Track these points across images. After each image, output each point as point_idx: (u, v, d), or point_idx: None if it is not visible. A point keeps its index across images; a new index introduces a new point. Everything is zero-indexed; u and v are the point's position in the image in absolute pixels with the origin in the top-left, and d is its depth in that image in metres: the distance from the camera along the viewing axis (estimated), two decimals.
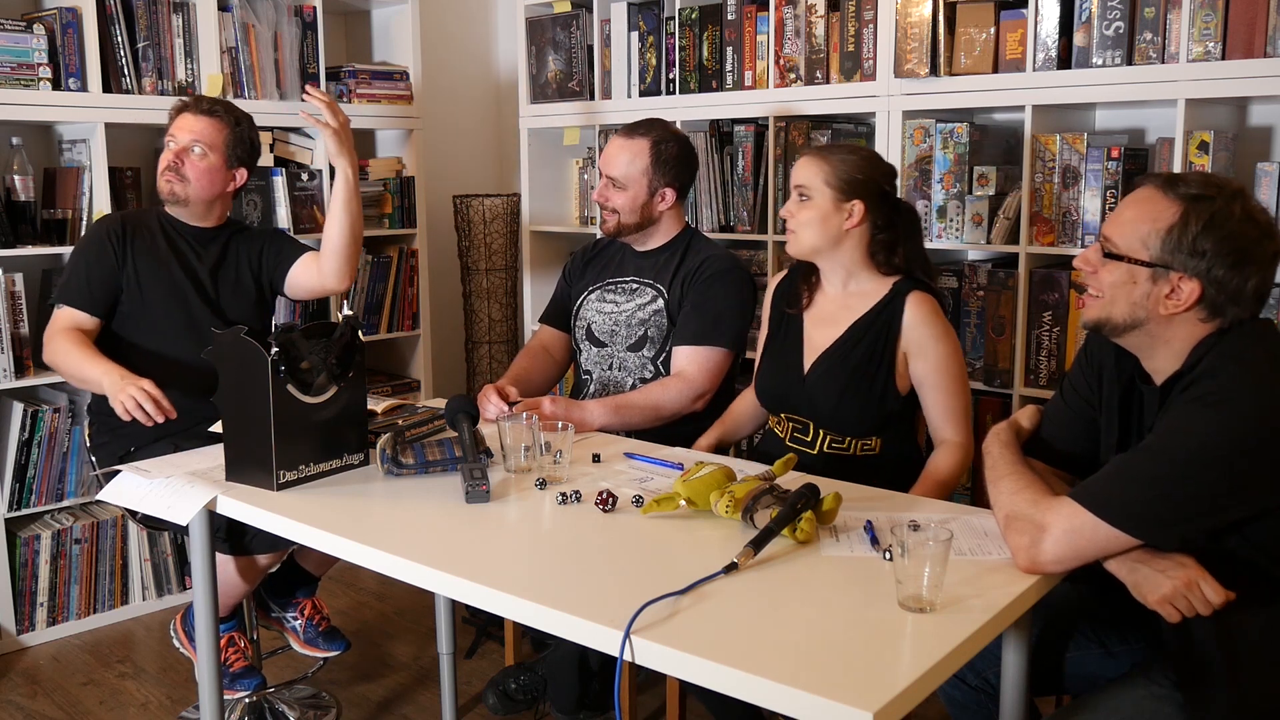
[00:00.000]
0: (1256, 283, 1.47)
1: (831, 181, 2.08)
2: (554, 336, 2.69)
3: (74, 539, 3.11)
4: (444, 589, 1.53)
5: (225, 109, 2.55)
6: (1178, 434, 1.44)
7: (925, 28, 2.74)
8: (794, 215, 2.12)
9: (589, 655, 2.36)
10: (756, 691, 1.20)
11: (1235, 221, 1.45)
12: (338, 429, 1.95)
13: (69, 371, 2.41)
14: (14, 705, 2.74)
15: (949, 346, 2.08)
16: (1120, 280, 1.52)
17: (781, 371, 2.20)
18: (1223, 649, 1.46)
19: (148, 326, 2.51)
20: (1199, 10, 2.37)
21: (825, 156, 2.11)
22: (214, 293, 2.59)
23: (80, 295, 2.47)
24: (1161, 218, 1.48)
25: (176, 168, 2.50)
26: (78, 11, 2.94)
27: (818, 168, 2.10)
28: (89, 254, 2.50)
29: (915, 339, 2.07)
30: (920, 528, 1.38)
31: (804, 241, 2.12)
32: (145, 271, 2.51)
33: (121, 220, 2.55)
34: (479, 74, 4.32)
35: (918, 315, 2.07)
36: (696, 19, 3.28)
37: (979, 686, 1.76)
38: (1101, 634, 1.75)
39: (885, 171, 2.14)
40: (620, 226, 2.53)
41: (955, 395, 2.10)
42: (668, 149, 2.50)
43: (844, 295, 2.17)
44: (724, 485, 1.68)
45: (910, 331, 2.07)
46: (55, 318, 2.49)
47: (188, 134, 2.51)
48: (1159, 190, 1.50)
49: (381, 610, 3.27)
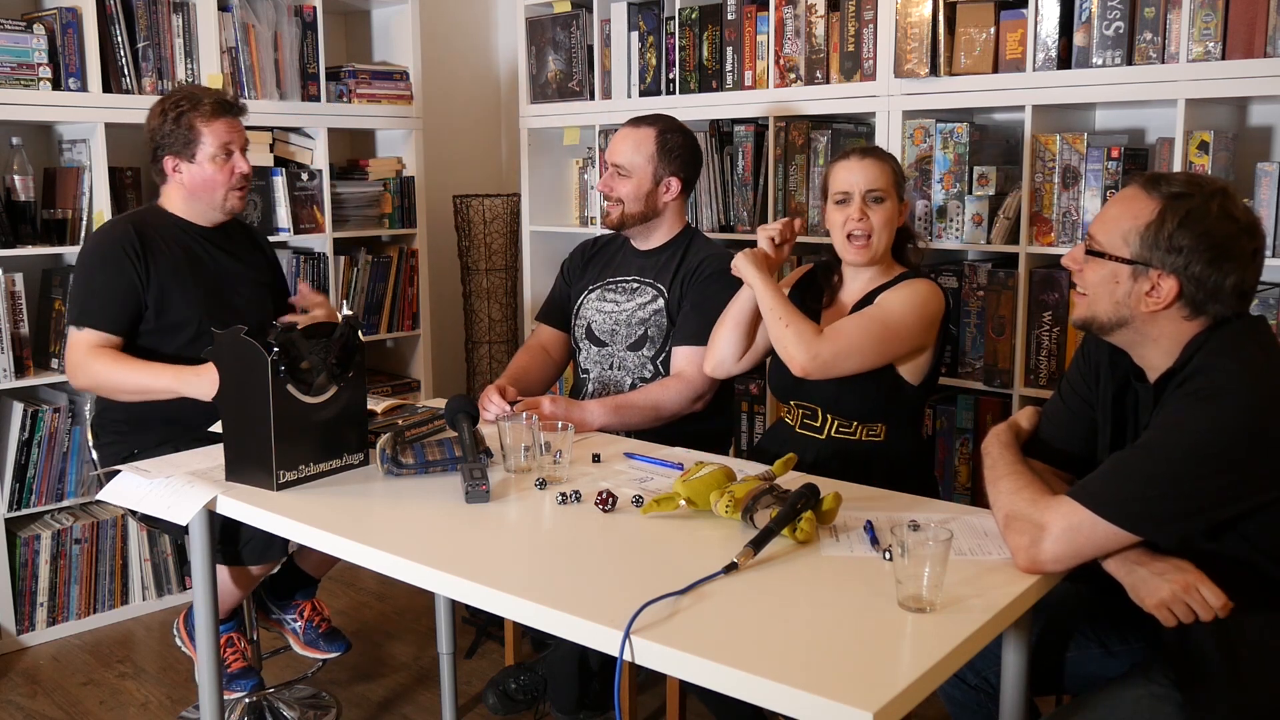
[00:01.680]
0: (1236, 280, 1.47)
1: (896, 183, 2.15)
2: (552, 335, 2.69)
3: (74, 539, 3.11)
4: (444, 589, 1.53)
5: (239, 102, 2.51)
6: (1173, 430, 1.44)
7: (925, 28, 2.74)
8: (871, 218, 2.12)
9: (589, 655, 2.36)
10: (756, 691, 1.20)
11: (1212, 219, 1.46)
12: (338, 429, 1.95)
13: (128, 387, 2.32)
14: (14, 705, 2.74)
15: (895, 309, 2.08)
16: (1103, 278, 1.54)
17: None
18: (1221, 650, 1.46)
19: (171, 334, 2.42)
20: (1199, 10, 2.37)
21: (887, 158, 2.16)
22: (235, 292, 2.52)
23: (104, 317, 2.36)
24: (1141, 215, 1.49)
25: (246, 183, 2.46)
26: (78, 11, 2.94)
27: (890, 170, 2.14)
28: (108, 272, 2.37)
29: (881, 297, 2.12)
30: (920, 528, 1.38)
31: (879, 247, 2.15)
32: (169, 286, 2.40)
33: (136, 232, 2.40)
34: (479, 74, 4.32)
35: (903, 286, 2.13)
36: (696, 19, 3.28)
37: (979, 686, 1.77)
38: (1101, 634, 1.75)
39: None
40: (624, 217, 2.52)
41: (843, 326, 2.07)
42: (673, 139, 2.51)
43: (859, 292, 2.21)
44: (724, 485, 1.68)
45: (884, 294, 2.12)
46: (76, 341, 2.35)
47: (240, 137, 2.46)
48: (1142, 189, 1.52)
49: (381, 610, 3.27)
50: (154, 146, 2.46)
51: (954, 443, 2.89)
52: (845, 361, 2.05)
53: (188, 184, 2.45)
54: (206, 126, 2.41)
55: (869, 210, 2.12)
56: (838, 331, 2.07)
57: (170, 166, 2.45)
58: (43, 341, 3.05)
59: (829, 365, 2.04)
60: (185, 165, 2.43)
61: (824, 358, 2.03)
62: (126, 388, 2.33)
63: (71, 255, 3.12)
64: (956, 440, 2.88)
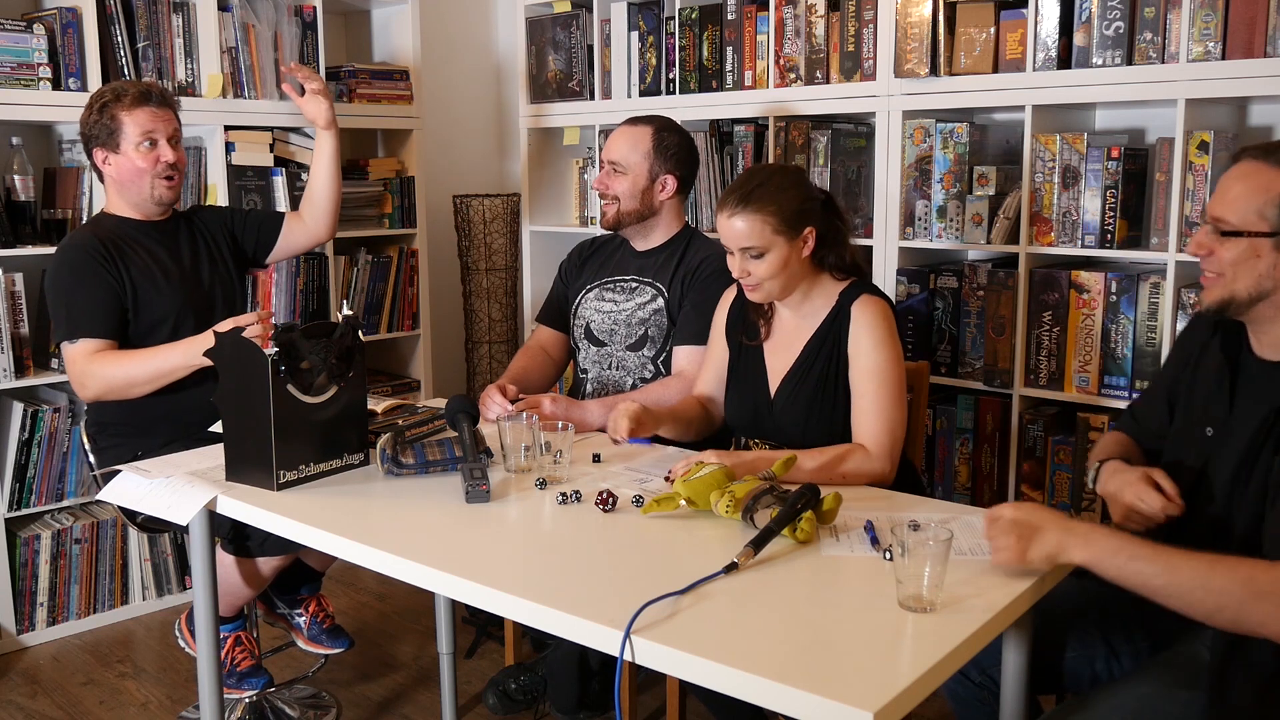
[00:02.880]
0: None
1: (780, 229, 1.97)
2: (551, 336, 2.69)
3: (74, 539, 3.11)
4: (444, 589, 1.53)
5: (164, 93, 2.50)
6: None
7: (925, 28, 2.74)
8: (752, 273, 2.00)
9: (589, 655, 2.36)
10: (756, 691, 1.20)
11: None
12: (338, 429, 1.95)
13: (141, 378, 2.32)
14: (14, 705, 2.74)
15: (885, 355, 1.98)
16: (1242, 256, 1.52)
17: (749, 401, 2.15)
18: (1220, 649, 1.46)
19: (152, 332, 2.44)
20: (1199, 10, 2.37)
21: (761, 207, 1.96)
22: (201, 281, 2.55)
23: (95, 325, 2.36)
24: (1274, 186, 1.48)
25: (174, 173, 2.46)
26: (78, 11, 2.94)
27: (761, 223, 1.96)
28: (86, 283, 2.37)
29: (853, 342, 2.01)
30: (920, 528, 1.38)
31: (770, 291, 2.03)
32: (142, 284, 2.43)
33: (99, 240, 2.41)
34: (479, 74, 4.32)
35: (860, 320, 2.00)
36: (696, 19, 3.28)
37: (983, 683, 1.76)
38: (1105, 631, 1.75)
39: (808, 183, 2.06)
40: (620, 216, 2.52)
41: (881, 405, 1.96)
42: (669, 138, 2.52)
43: (797, 315, 2.11)
44: (724, 485, 1.68)
45: (852, 337, 2.01)
46: (73, 355, 2.35)
47: (166, 127, 2.46)
48: (1262, 162, 1.51)
49: (381, 610, 3.26)
50: (85, 142, 2.48)
51: (954, 443, 2.89)
52: (898, 430, 1.96)
53: (117, 176, 2.47)
54: (128, 115, 2.43)
55: (748, 265, 2.00)
56: (870, 418, 1.96)
57: (100, 159, 2.47)
58: (43, 341, 3.05)
59: (895, 449, 1.95)
60: (113, 157, 2.45)
61: (888, 450, 1.94)
62: (139, 379, 2.33)
63: None
64: (956, 440, 2.88)
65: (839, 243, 2.07)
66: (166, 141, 2.46)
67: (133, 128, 2.43)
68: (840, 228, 2.08)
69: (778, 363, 2.12)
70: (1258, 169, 1.51)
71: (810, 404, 2.06)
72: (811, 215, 2.01)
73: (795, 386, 2.08)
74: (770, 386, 2.12)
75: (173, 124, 2.50)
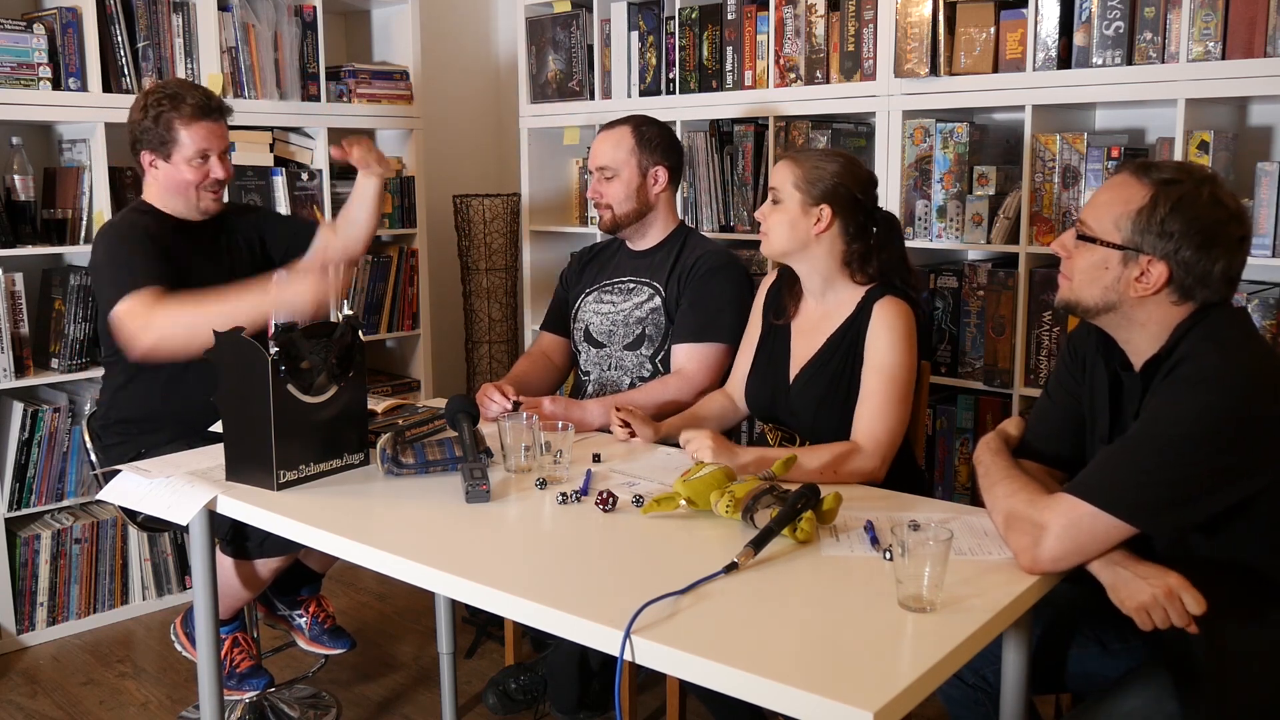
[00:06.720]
0: (1224, 266, 1.49)
1: (800, 185, 2.07)
2: (554, 342, 2.70)
3: (74, 539, 3.11)
4: (444, 589, 1.53)
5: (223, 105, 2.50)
6: (1163, 417, 1.45)
7: (925, 27, 2.74)
8: (766, 217, 2.13)
9: (589, 655, 2.36)
10: (756, 691, 1.20)
11: (1203, 205, 1.47)
12: (338, 429, 1.95)
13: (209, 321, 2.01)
14: (14, 705, 2.74)
15: (897, 356, 2.01)
16: (1093, 264, 1.54)
17: (770, 382, 2.21)
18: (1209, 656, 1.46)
19: None
20: (1199, 10, 2.37)
21: (798, 160, 2.10)
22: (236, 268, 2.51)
23: (154, 274, 2.27)
24: (1133, 200, 1.50)
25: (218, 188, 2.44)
26: (78, 11, 2.94)
27: (789, 171, 2.09)
28: (137, 242, 2.33)
29: (870, 339, 2.05)
30: (920, 528, 1.38)
31: (774, 243, 2.12)
32: (184, 270, 2.38)
33: (143, 225, 2.40)
34: (479, 74, 4.32)
35: (880, 319, 2.04)
36: (696, 19, 3.28)
37: (976, 685, 1.77)
38: (1100, 633, 1.74)
39: (861, 179, 2.10)
40: (616, 220, 2.53)
41: (885, 404, 1.99)
42: (649, 130, 2.54)
43: (823, 305, 2.16)
44: (724, 485, 1.68)
45: (870, 334, 2.05)
46: (132, 307, 2.23)
47: (221, 143, 2.44)
48: (1133, 175, 1.53)
49: (381, 610, 3.27)
50: (133, 139, 2.45)
51: (954, 443, 2.89)
52: (897, 431, 1.99)
53: (162, 181, 2.45)
54: (185, 129, 2.39)
55: (769, 209, 2.11)
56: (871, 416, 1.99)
57: (147, 161, 2.45)
58: (43, 341, 3.05)
59: (890, 449, 1.98)
60: (161, 163, 2.43)
61: (883, 449, 1.97)
62: (205, 323, 2.01)
63: (72, 255, 3.12)
64: (956, 440, 2.88)
65: (866, 253, 2.10)
66: (219, 157, 2.44)
67: (189, 143, 2.39)
68: (871, 240, 2.11)
69: (802, 348, 2.17)
70: (1126, 182, 1.52)
71: (824, 395, 2.10)
72: (834, 199, 2.07)
73: (813, 375, 2.12)
74: (790, 372, 2.17)
75: (226, 138, 2.48)
